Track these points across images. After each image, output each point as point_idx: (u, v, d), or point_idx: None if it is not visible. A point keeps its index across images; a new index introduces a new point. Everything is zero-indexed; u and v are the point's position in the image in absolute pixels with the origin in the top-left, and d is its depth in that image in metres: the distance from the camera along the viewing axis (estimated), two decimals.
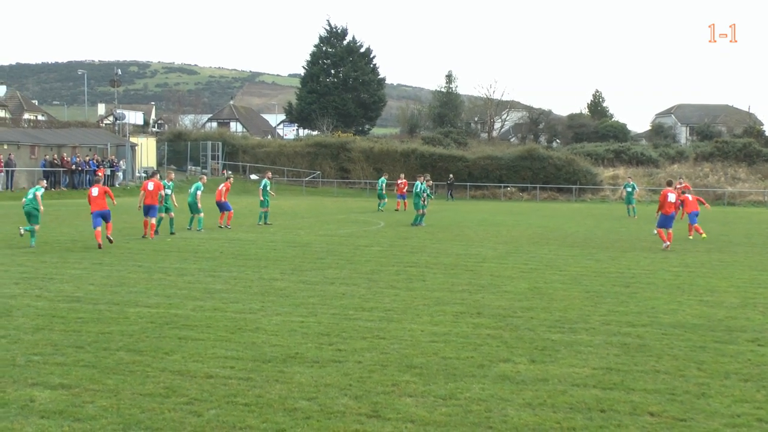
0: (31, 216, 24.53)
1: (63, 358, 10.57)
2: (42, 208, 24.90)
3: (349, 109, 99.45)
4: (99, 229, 24.25)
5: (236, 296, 15.64)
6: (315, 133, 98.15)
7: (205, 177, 33.11)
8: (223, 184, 33.20)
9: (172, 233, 28.50)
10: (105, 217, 24.40)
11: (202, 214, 30.82)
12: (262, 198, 34.80)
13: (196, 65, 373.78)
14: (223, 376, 9.77)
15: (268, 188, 35.12)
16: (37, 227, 24.65)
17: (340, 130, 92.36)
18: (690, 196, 29.95)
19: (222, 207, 32.51)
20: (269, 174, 38.53)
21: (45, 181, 28.08)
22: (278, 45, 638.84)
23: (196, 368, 10.12)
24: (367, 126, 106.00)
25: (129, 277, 17.94)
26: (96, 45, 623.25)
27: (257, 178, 77.39)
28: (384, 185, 50.32)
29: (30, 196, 24.95)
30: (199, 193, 30.63)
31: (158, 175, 29.50)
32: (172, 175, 31.75)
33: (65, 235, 27.11)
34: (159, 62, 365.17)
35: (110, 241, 24.29)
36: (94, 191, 24.59)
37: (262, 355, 10.82)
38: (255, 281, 17.67)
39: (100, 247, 23.66)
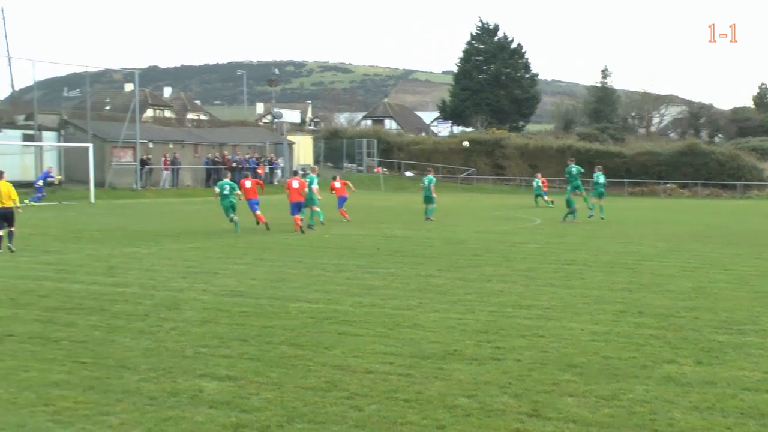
0: (230, 208, 27.82)
1: (229, 351, 10.91)
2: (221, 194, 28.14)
3: (502, 106, 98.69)
4: (298, 216, 28.13)
5: (394, 292, 15.77)
6: (469, 129, 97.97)
7: (317, 168, 34.43)
8: (338, 181, 34.79)
9: (309, 226, 28.94)
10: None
11: (318, 208, 30.44)
12: (434, 194, 35.45)
13: (350, 64, 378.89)
14: (382, 372, 9.85)
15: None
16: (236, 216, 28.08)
17: (495, 127, 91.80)
18: None
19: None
20: (432, 171, 39.02)
21: (230, 174, 32.13)
22: (431, 42, 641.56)
23: (356, 363, 10.25)
24: (521, 122, 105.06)
25: (289, 273, 18.37)
26: (254, 46, 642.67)
27: (412, 175, 77.92)
28: (539, 185, 49.58)
29: (226, 192, 27.84)
30: (314, 186, 30.35)
31: (301, 173, 30.54)
32: (317, 169, 32.67)
33: (228, 232, 27.98)
34: (314, 61, 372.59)
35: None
36: (294, 183, 28.71)
37: (420, 352, 10.87)
38: (412, 278, 17.77)
39: (302, 231, 27.77)
